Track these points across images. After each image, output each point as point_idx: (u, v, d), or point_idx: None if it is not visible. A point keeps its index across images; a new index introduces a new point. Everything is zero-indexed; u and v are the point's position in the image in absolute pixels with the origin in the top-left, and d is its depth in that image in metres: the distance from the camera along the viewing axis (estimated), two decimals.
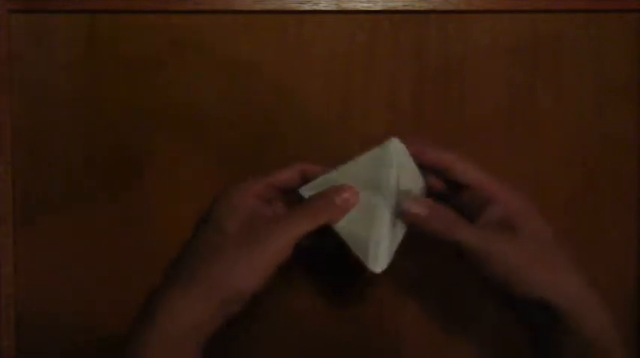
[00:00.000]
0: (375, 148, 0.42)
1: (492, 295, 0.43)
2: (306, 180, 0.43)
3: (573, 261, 0.39)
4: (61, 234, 0.54)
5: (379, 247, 0.41)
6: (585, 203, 0.54)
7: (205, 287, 0.37)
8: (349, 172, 0.42)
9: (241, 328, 0.53)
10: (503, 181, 0.42)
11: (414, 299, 0.54)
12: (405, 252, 0.54)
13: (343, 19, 0.53)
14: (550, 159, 0.54)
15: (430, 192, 0.46)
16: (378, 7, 0.52)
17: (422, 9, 0.52)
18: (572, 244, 0.41)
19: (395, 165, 0.42)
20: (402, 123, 0.53)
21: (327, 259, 0.53)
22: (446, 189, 0.45)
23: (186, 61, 0.53)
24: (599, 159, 0.53)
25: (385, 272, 0.42)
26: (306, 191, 0.43)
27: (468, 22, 0.53)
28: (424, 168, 0.45)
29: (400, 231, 0.44)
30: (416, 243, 0.54)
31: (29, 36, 0.53)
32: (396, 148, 0.42)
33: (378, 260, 0.41)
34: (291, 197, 0.44)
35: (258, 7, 0.52)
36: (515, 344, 0.54)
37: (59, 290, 0.54)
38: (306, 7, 0.52)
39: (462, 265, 0.54)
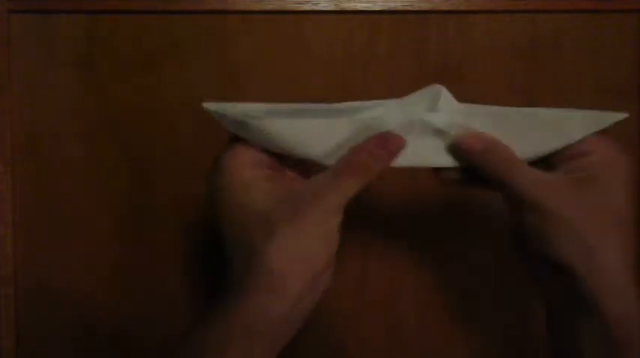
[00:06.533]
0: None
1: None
2: None
3: (629, 238, 0.34)
4: (61, 234, 0.54)
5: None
6: None
7: (272, 282, 0.33)
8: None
9: None
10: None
11: (413, 296, 0.54)
12: (406, 250, 0.54)
13: (342, 20, 0.53)
14: None
15: None
16: (377, 7, 0.52)
17: (422, 9, 0.52)
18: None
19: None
20: None
21: None
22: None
23: (186, 61, 0.53)
24: None
25: (384, 268, 0.40)
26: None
27: (468, 22, 0.53)
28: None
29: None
30: (416, 236, 0.54)
31: (29, 36, 0.53)
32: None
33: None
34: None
35: (257, 7, 0.52)
36: (516, 343, 0.54)
37: (59, 290, 0.54)
38: (306, 7, 0.52)
39: (461, 264, 0.54)
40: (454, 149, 0.36)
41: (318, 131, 0.36)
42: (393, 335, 0.54)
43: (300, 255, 0.33)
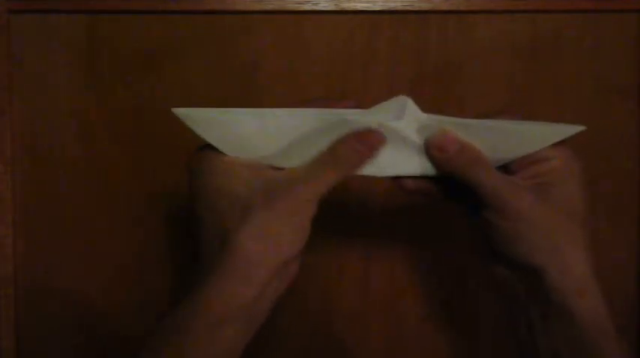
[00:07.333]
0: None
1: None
2: None
3: (588, 239, 0.36)
4: (61, 234, 0.54)
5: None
6: None
7: (246, 262, 0.33)
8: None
9: None
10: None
11: (413, 296, 0.54)
12: (407, 252, 0.54)
13: (342, 19, 0.53)
14: None
15: None
16: (377, 7, 0.52)
17: (422, 9, 0.52)
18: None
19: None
20: None
21: (325, 252, 0.53)
22: None
23: (186, 61, 0.53)
24: (599, 159, 0.53)
25: (384, 268, 0.40)
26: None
27: (468, 22, 0.53)
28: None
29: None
30: (416, 236, 0.54)
31: (29, 36, 0.53)
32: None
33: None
34: None
35: (257, 7, 0.52)
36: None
37: (59, 290, 0.54)
38: (306, 7, 0.52)
39: (461, 265, 0.54)
40: (426, 148, 0.37)
41: (283, 132, 0.36)
42: (393, 335, 0.54)
43: (269, 242, 0.34)
